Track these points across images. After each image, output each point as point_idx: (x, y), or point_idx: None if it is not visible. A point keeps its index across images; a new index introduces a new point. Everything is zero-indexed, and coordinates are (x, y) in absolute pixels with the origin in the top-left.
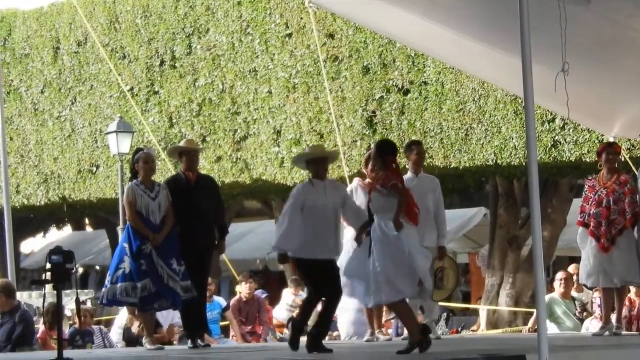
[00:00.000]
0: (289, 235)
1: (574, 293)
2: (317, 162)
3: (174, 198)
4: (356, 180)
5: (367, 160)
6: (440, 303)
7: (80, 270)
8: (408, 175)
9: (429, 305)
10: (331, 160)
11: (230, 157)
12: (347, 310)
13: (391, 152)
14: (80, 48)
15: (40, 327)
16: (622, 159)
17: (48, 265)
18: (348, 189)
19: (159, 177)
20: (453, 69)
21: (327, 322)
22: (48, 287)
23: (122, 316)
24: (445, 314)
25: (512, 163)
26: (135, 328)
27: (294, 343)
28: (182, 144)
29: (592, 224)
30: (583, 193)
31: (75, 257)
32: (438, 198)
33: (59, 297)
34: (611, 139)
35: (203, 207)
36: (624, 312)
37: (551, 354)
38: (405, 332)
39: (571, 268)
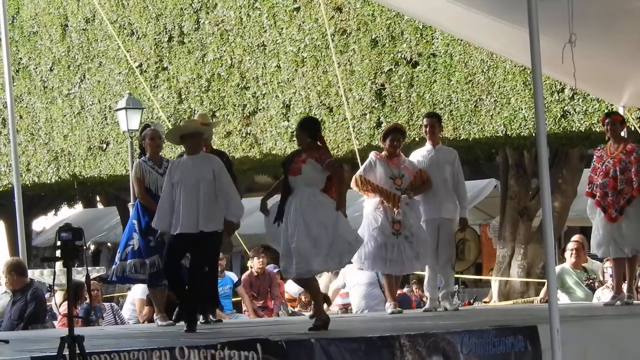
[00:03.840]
0: (162, 214)
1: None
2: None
3: None
4: (373, 153)
5: (386, 134)
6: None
7: (92, 247)
8: (426, 147)
9: (446, 277)
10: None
11: (240, 132)
12: (359, 285)
13: (319, 128)
14: (89, 25)
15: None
16: (632, 129)
17: (58, 243)
18: (366, 162)
19: (170, 153)
20: (461, 40)
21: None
22: (58, 265)
23: (134, 293)
24: (456, 287)
25: (522, 134)
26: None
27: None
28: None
29: (598, 194)
30: (592, 163)
31: (84, 234)
32: (457, 170)
33: (69, 274)
34: (620, 109)
35: None
36: None
37: (562, 324)
38: (428, 304)
39: (575, 237)
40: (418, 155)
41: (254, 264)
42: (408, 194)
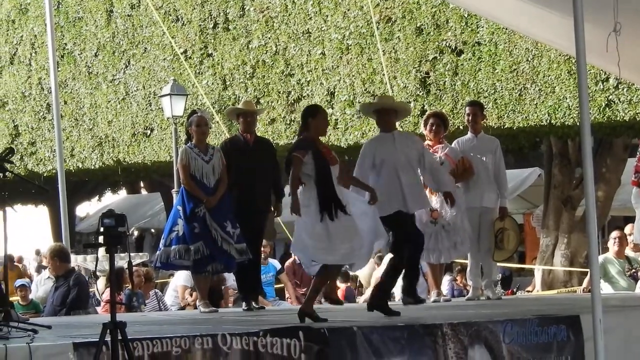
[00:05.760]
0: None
1: (630, 253)
2: (384, 113)
3: (231, 159)
4: None
5: (425, 120)
6: (499, 264)
7: (136, 233)
8: (467, 135)
9: (488, 266)
10: (403, 114)
11: (284, 119)
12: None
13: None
14: (134, 11)
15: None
16: None
17: (101, 229)
18: None
19: (213, 140)
20: (506, 29)
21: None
22: (101, 251)
23: (177, 279)
24: (500, 275)
25: (566, 123)
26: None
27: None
28: (240, 105)
29: None
30: (638, 152)
31: (127, 220)
32: (498, 159)
33: (112, 260)
34: None
35: (260, 169)
36: None
37: (605, 314)
38: (470, 292)
39: (627, 228)
40: (460, 144)
41: None
42: None
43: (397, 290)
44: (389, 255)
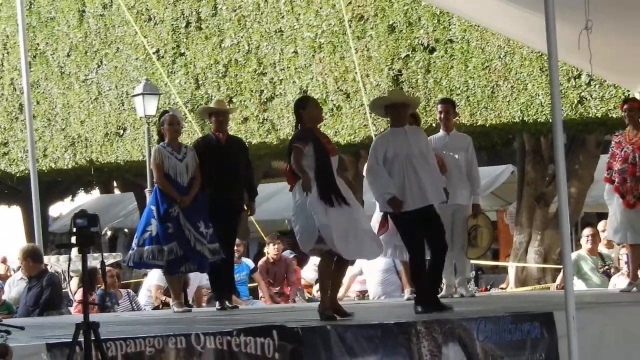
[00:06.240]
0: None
1: (603, 249)
2: (396, 107)
3: (204, 158)
4: None
5: None
6: (472, 261)
7: (109, 233)
8: (439, 133)
9: (462, 264)
10: (413, 107)
11: (257, 117)
12: (375, 271)
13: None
14: (106, 11)
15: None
16: None
17: (73, 229)
18: None
19: (186, 139)
20: (478, 27)
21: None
22: (74, 251)
23: (150, 279)
24: (474, 272)
25: (539, 120)
26: None
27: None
28: (212, 104)
29: (617, 180)
30: (610, 149)
31: (100, 220)
32: (471, 156)
33: (84, 260)
34: (637, 95)
35: (233, 167)
36: None
37: (578, 311)
38: (444, 290)
39: (601, 225)
40: (432, 142)
41: (270, 250)
42: None
43: (371, 288)
44: None
